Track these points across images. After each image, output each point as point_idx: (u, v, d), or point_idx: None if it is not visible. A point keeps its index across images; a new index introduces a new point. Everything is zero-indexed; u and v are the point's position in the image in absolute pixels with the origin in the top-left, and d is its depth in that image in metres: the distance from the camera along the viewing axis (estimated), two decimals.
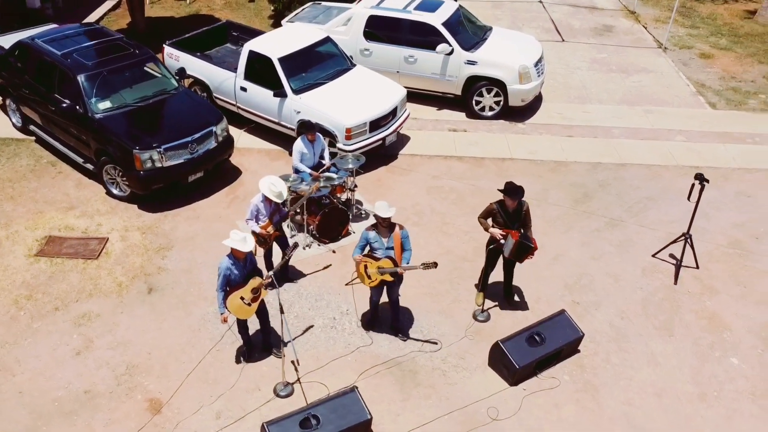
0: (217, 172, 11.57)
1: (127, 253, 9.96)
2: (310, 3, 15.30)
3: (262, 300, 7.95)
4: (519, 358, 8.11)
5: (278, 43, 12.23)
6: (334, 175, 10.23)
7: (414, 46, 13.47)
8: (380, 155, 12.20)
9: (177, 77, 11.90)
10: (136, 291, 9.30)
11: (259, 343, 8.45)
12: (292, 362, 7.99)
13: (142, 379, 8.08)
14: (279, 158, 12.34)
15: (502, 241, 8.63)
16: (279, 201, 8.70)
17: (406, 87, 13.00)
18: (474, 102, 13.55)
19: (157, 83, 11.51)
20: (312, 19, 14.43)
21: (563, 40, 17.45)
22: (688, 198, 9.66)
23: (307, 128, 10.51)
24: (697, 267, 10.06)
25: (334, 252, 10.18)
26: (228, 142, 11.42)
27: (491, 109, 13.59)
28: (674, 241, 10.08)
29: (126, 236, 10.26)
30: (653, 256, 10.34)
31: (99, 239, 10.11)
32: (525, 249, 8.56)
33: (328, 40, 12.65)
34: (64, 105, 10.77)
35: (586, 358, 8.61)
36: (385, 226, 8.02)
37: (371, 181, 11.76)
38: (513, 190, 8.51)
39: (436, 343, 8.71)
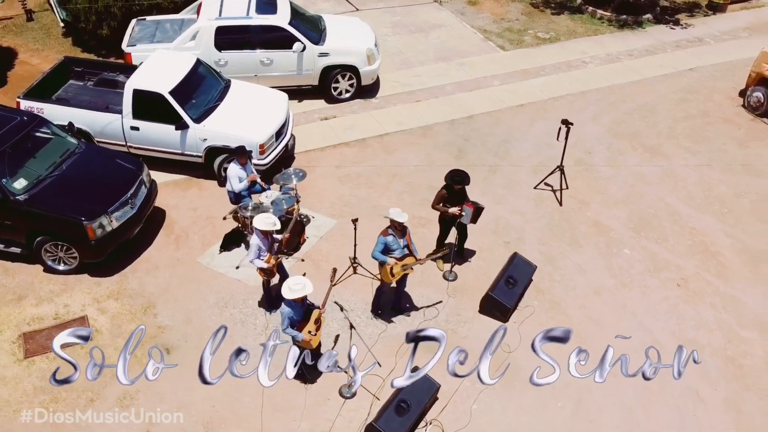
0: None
1: (117, 323, 9.87)
2: (135, 21, 14.81)
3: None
4: (507, 300, 10.16)
5: (159, 76, 12.12)
6: (284, 196, 10.96)
7: (267, 48, 14.08)
8: (282, 161, 12.95)
9: (68, 132, 11.33)
10: (157, 357, 9.44)
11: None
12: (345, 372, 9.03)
13: (226, 431, 8.62)
14: (190, 187, 12.49)
15: (463, 214, 10.40)
16: (276, 229, 9.43)
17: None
18: (332, 88, 14.69)
19: (58, 145, 10.91)
20: (152, 38, 14.15)
21: (357, 9, 18.96)
22: (557, 138, 12.23)
23: (240, 153, 11.02)
24: (567, 188, 12.82)
25: (303, 260, 11.09)
26: (154, 186, 11.38)
27: (347, 91, 14.87)
28: (551, 173, 12.72)
29: (103, 308, 10.07)
30: (535, 188, 12.90)
31: (78, 320, 9.82)
32: (480, 211, 10.49)
33: (200, 62, 12.79)
34: None
35: (539, 284, 10.92)
36: (399, 229, 9.32)
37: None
38: (462, 178, 10.26)
39: (440, 301, 10.37)
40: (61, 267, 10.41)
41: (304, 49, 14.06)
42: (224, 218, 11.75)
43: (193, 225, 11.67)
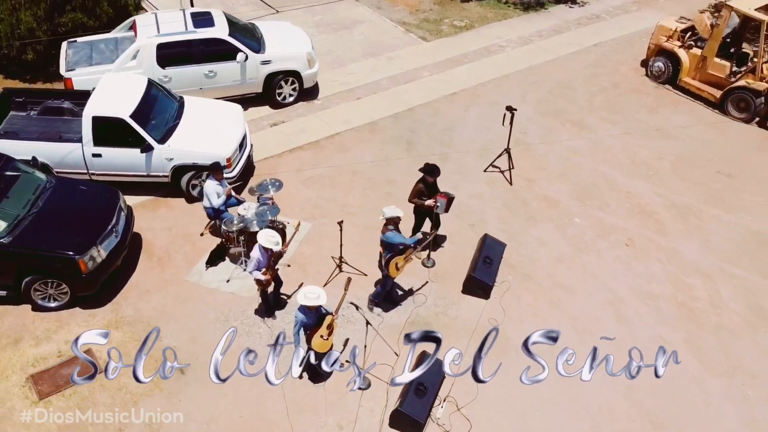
0: None
1: (125, 351, 9.89)
2: (65, 43, 14.43)
3: None
4: (488, 278, 11.06)
5: (116, 100, 12.04)
6: (265, 207, 11.28)
7: (210, 61, 14.18)
8: (245, 171, 13.20)
9: (34, 167, 11.12)
10: (174, 379, 9.64)
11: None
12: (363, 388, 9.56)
13: None
14: (158, 207, 12.52)
15: (438, 205, 11.16)
16: (279, 248, 9.84)
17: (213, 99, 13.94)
18: (277, 94, 14.99)
19: (29, 182, 10.71)
20: (89, 60, 13.90)
21: (278, 11, 19.17)
22: (503, 124, 13.20)
23: (216, 169, 11.26)
24: (514, 168, 13.86)
25: (288, 266, 11.50)
26: (131, 211, 11.39)
27: (290, 95, 15.21)
28: (499, 156, 13.68)
29: (108, 340, 10.08)
30: (485, 171, 13.85)
31: (84, 353, 9.80)
32: (452, 201, 11.30)
33: (152, 83, 12.78)
34: None
35: (508, 260, 11.88)
36: (398, 224, 9.95)
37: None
38: (435, 170, 11.02)
39: (427, 282, 11.12)
40: (53, 304, 10.31)
41: (246, 58, 14.26)
42: (202, 234, 11.98)
43: (172, 245, 11.78)
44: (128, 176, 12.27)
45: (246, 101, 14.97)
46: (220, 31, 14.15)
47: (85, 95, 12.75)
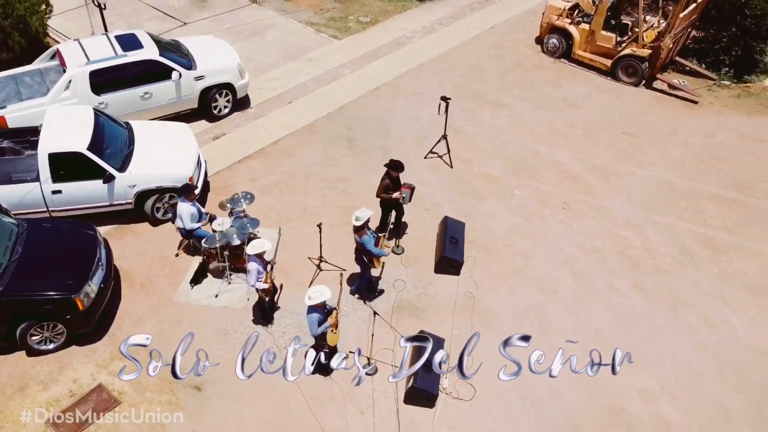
0: None
1: (137, 380, 10.07)
2: None
3: None
4: (458, 256, 12.05)
5: (69, 134, 11.86)
6: (242, 220, 11.61)
7: (145, 83, 14.12)
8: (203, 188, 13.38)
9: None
10: (192, 396, 9.95)
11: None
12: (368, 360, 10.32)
13: None
14: (124, 235, 12.49)
15: (404, 196, 11.99)
16: (266, 249, 10.28)
17: (151, 120, 13.98)
18: (212, 108, 15.15)
19: (1, 230, 10.47)
20: (18, 95, 13.45)
21: (185, 23, 19.07)
22: (438, 113, 14.16)
23: (189, 191, 11.48)
24: (450, 151, 14.89)
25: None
26: (107, 242, 11.37)
27: (225, 107, 15.41)
28: (437, 142, 14.66)
29: (113, 371, 10.16)
30: (425, 158, 14.80)
31: (95, 389, 9.89)
32: (413, 191, 12.17)
33: (98, 112, 12.64)
34: None
35: (467, 236, 12.87)
36: (369, 225, 10.65)
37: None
38: (399, 166, 11.82)
39: (406, 266, 11.95)
40: (50, 346, 10.22)
41: (180, 76, 14.32)
42: (177, 255, 12.14)
43: (150, 269, 11.86)
44: (91, 208, 12.15)
45: (182, 118, 15.00)
46: (150, 52, 14.09)
47: (27, 132, 12.44)
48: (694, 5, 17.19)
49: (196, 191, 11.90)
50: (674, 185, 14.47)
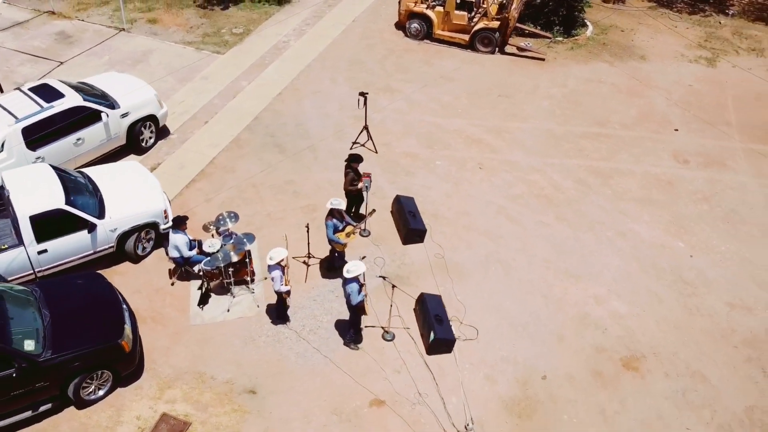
0: None
1: (198, 400, 10.82)
2: None
3: None
4: (420, 225, 13.83)
5: (41, 193, 11.85)
6: (235, 238, 12.43)
7: (75, 130, 14.10)
8: None
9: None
10: (251, 400, 10.87)
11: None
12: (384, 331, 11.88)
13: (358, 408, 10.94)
14: (112, 277, 12.61)
15: (366, 185, 13.49)
16: (283, 257, 11.38)
17: (85, 165, 14.17)
18: (140, 141, 15.41)
19: (18, 298, 10.45)
20: None
21: (61, 63, 18.60)
22: (358, 107, 15.71)
23: (181, 222, 12.13)
24: (372, 138, 16.50)
25: (265, 278, 12.93)
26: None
27: (150, 138, 15.71)
28: (360, 133, 16.19)
29: (170, 399, 10.77)
30: (351, 148, 16.27)
31: (161, 419, 10.48)
32: (371, 178, 13.74)
33: (54, 167, 12.64)
34: None
35: (424, 206, 14.67)
36: (337, 213, 12.06)
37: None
38: (360, 158, 13.29)
39: (377, 245, 13.54)
40: (101, 393, 10.58)
41: (108, 116, 14.47)
42: (172, 284, 12.72)
43: (154, 303, 12.34)
44: (75, 260, 12.28)
45: (112, 157, 15.14)
46: (74, 98, 14.07)
47: None
48: None
49: (187, 221, 12.48)
50: (554, 131, 17.32)
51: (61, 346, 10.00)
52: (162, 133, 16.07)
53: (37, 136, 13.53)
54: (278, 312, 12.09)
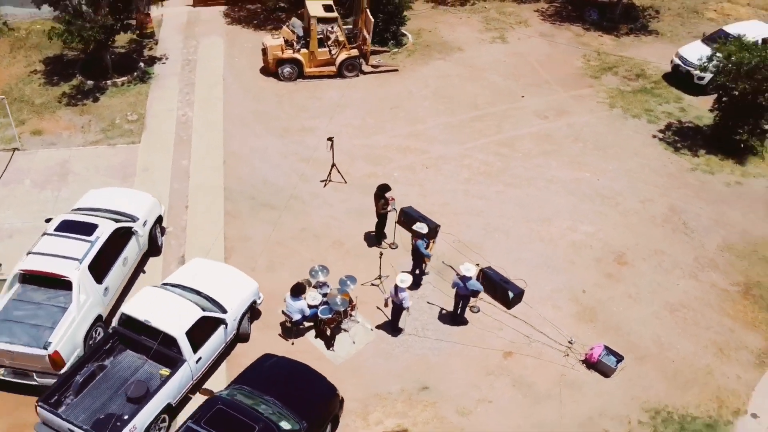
0: None
1: (394, 419, 12.97)
2: None
3: None
4: (433, 224, 17.00)
5: (178, 309, 12.63)
6: (334, 288, 14.36)
7: (120, 251, 14.34)
8: None
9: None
10: (431, 398, 13.35)
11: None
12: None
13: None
14: (235, 364, 13.76)
15: (393, 208, 16.20)
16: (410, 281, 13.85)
17: (129, 282, 14.90)
18: (158, 241, 15.92)
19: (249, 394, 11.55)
20: (38, 335, 12.58)
21: None
22: (327, 150, 17.99)
23: (303, 290, 13.84)
24: (340, 172, 18.83)
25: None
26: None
27: (162, 234, 16.21)
28: (330, 171, 18.41)
29: (377, 420, 12.78)
30: (324, 186, 18.49)
31: None
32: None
33: (163, 286, 13.38)
34: None
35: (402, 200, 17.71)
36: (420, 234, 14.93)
37: None
38: (388, 187, 15.93)
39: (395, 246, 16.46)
40: None
41: (138, 230, 14.90)
42: (292, 344, 14.27)
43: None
44: (215, 357, 13.18)
45: (139, 266, 15.48)
46: (108, 224, 14.20)
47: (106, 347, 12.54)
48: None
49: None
50: (451, 123, 21.39)
51: (308, 416, 11.44)
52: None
53: (98, 269, 13.60)
54: (393, 325, 14.47)
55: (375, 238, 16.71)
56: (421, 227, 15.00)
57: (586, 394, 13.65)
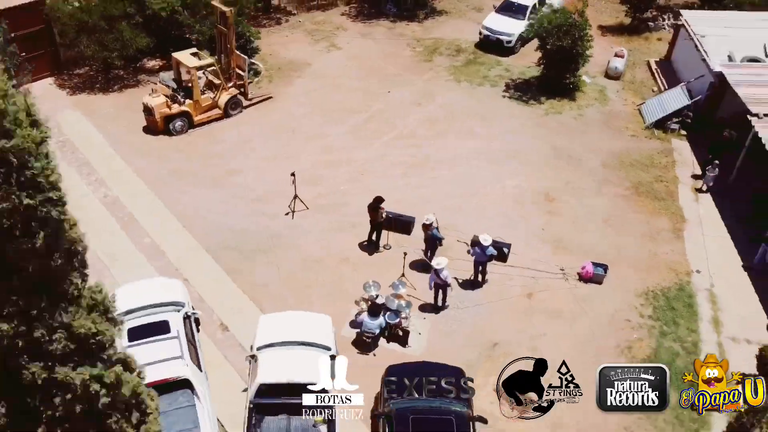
0: None
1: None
2: None
3: None
4: (408, 218, 19.42)
5: (307, 357, 13.54)
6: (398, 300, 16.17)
7: (193, 336, 14.53)
8: None
9: None
10: (502, 350, 16.11)
11: None
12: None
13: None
14: None
15: (386, 215, 18.26)
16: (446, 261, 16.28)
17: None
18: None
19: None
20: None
21: None
22: (291, 183, 19.20)
23: (379, 309, 15.45)
24: (302, 201, 20.01)
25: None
26: None
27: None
28: (293, 201, 19.59)
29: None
30: (293, 218, 19.67)
31: None
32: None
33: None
34: None
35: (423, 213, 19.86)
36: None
37: None
38: (382, 199, 17.90)
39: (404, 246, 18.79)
40: None
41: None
42: (374, 355, 15.93)
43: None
44: None
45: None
46: (176, 317, 14.27)
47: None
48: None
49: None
50: (347, 130, 23.50)
51: (463, 400, 13.47)
52: None
53: (192, 358, 13.79)
54: (441, 304, 16.85)
55: (372, 245, 18.58)
56: (432, 218, 17.41)
57: (596, 301, 17.55)
